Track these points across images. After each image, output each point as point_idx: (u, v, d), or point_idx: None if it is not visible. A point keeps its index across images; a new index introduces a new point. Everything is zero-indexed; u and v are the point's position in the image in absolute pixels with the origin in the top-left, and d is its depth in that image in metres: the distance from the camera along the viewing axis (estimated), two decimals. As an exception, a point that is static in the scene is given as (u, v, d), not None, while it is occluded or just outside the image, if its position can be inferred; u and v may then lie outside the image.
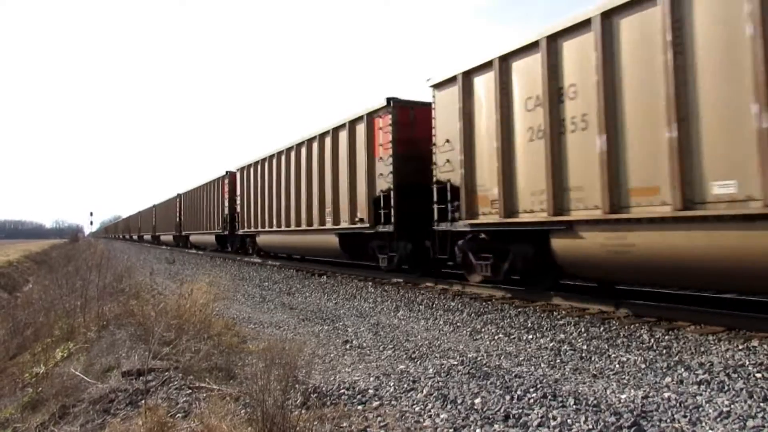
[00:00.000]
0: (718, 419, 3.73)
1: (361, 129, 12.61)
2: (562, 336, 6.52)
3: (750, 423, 3.63)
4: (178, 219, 36.89)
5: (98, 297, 10.23)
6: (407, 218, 11.19)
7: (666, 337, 6.14)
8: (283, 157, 17.60)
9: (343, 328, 7.74)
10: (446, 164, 9.87)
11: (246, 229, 21.74)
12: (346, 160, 13.12)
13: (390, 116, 11.50)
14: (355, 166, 12.84)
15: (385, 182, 11.55)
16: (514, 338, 6.57)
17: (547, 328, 6.99)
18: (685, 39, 6.07)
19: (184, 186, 39.56)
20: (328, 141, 14.19)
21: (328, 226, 14.11)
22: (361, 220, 12.42)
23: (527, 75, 8.15)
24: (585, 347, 5.91)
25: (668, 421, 3.74)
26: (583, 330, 6.76)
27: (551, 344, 6.14)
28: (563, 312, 7.89)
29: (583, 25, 7.20)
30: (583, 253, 7.24)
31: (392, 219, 11.27)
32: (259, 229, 20.00)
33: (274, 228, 18.15)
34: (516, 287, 9.30)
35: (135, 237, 66.54)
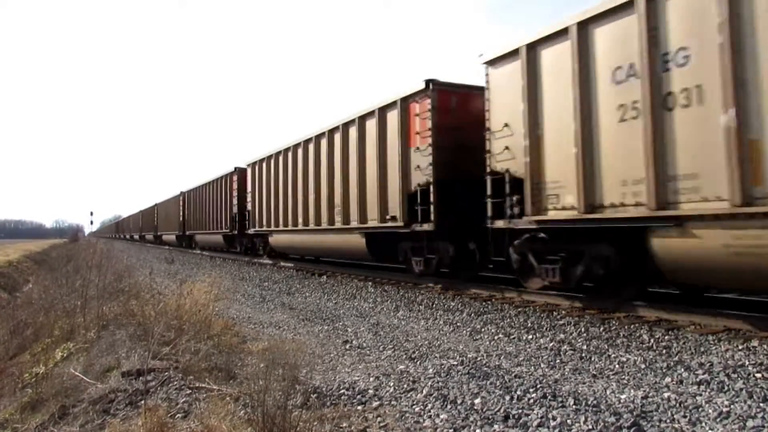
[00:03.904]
0: (718, 419, 3.73)
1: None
2: (562, 336, 6.53)
3: (750, 423, 3.63)
4: (181, 218, 35.55)
5: (98, 297, 10.23)
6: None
7: (666, 337, 6.14)
8: (302, 149, 16.25)
9: (342, 328, 7.74)
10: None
11: (257, 229, 20.58)
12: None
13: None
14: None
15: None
16: (513, 338, 6.57)
17: (546, 328, 6.99)
18: None
19: (187, 184, 38.84)
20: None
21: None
22: None
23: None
24: (585, 347, 5.91)
25: (668, 421, 3.74)
26: (583, 330, 6.76)
27: (551, 344, 6.14)
28: (563, 312, 7.89)
29: None
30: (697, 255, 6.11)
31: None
32: (272, 228, 18.82)
33: (290, 227, 17.08)
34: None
35: (136, 237, 63.78)
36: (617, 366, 5.16)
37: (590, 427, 3.65)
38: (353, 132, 13.15)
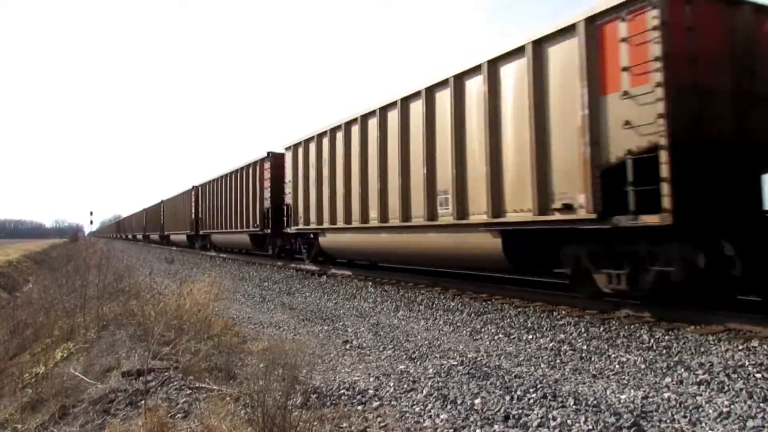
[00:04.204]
0: (718, 419, 3.73)
1: None
2: (562, 336, 6.53)
3: (750, 423, 3.63)
4: (193, 216, 31.54)
5: (98, 297, 10.23)
6: None
7: (666, 338, 6.14)
8: (377, 118, 12.12)
9: (342, 328, 7.74)
10: None
11: (301, 227, 16.38)
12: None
13: None
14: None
15: None
16: (514, 338, 6.57)
17: (546, 328, 6.99)
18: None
19: (190, 183, 32.80)
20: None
21: None
22: None
23: None
24: (585, 347, 5.91)
25: (668, 421, 3.74)
26: (583, 330, 6.76)
27: (551, 344, 6.14)
28: (563, 312, 7.89)
29: None
30: None
31: None
32: (325, 226, 14.61)
33: (356, 225, 13.05)
34: None
35: (139, 237, 59.24)
36: (617, 366, 5.16)
37: (590, 427, 3.65)
38: (475, 85, 9.23)
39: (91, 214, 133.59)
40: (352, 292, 11.34)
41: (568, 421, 3.76)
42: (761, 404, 3.96)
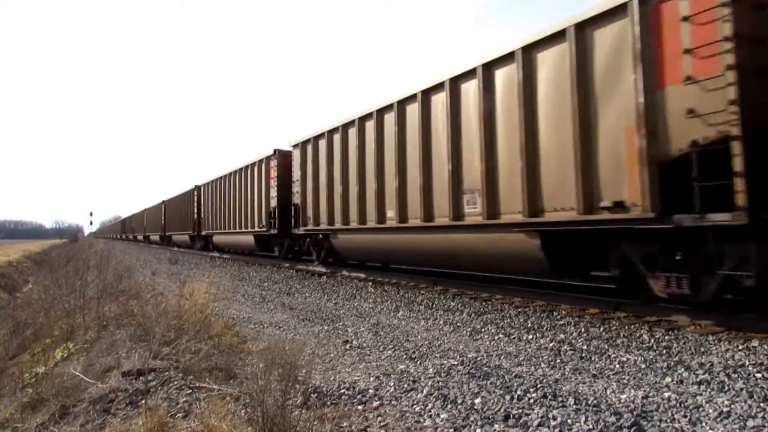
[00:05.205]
0: (718, 419, 3.73)
1: None
2: (562, 336, 6.53)
3: (750, 423, 3.63)
4: (195, 216, 30.33)
5: (98, 297, 10.23)
6: None
7: (666, 338, 6.14)
8: (390, 115, 11.63)
9: (342, 328, 7.74)
10: None
11: (311, 227, 15.78)
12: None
13: None
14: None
15: None
16: (514, 338, 6.57)
17: (547, 328, 6.99)
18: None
19: (200, 178, 30.20)
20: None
21: None
22: None
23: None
24: (585, 347, 5.91)
25: (668, 421, 3.74)
26: (583, 330, 6.76)
27: (551, 344, 6.15)
28: (563, 312, 7.89)
29: None
30: None
31: None
32: (337, 227, 13.98)
33: (371, 225, 12.29)
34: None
35: (140, 237, 56.29)
36: (617, 366, 5.16)
37: (590, 426, 3.65)
38: (505, 75, 8.47)
39: (91, 214, 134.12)
40: (352, 293, 11.34)
41: (569, 421, 3.76)
42: (761, 404, 3.96)
